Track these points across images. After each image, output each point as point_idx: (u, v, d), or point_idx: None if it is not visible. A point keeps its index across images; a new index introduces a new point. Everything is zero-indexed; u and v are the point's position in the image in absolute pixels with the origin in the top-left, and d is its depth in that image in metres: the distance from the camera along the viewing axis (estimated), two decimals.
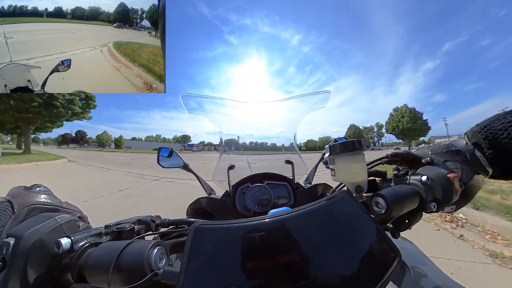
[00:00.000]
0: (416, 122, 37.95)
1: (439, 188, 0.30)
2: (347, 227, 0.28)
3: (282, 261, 0.23)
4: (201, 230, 0.25)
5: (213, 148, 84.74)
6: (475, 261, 1.71)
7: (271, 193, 0.63)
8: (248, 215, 0.61)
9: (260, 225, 0.25)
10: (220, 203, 0.64)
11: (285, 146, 0.88)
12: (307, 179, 0.79)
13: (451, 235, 2.25)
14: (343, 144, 0.33)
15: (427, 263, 0.44)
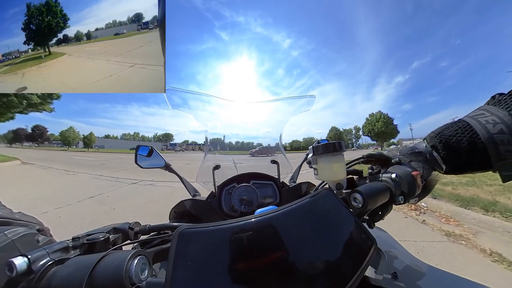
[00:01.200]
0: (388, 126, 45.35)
1: (406, 184, 0.35)
2: (330, 221, 0.30)
3: (271, 258, 0.24)
4: (186, 234, 0.24)
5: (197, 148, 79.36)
6: (434, 241, 2.05)
7: (257, 193, 0.63)
8: (234, 215, 0.60)
9: (248, 225, 0.25)
10: (206, 204, 0.62)
11: (270, 146, 0.89)
12: (292, 178, 0.80)
13: (416, 221, 2.63)
14: (325, 146, 0.36)
15: (397, 247, 0.51)
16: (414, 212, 2.84)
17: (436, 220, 2.61)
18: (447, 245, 1.97)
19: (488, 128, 0.29)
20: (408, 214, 2.81)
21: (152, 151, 0.78)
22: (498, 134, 0.28)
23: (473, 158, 0.31)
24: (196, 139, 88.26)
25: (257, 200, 0.62)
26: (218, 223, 0.25)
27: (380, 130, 44.93)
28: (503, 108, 0.29)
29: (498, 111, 0.29)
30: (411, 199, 0.36)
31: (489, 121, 0.29)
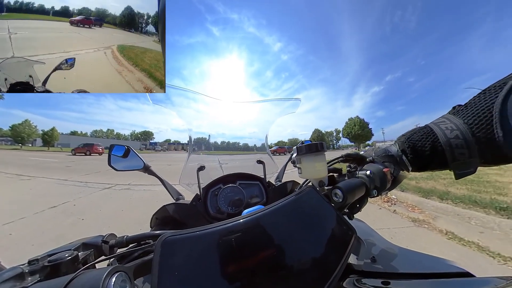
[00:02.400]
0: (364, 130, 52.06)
1: (378, 179, 0.39)
2: (314, 216, 0.31)
3: (262, 257, 0.24)
4: (170, 242, 0.23)
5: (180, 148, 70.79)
6: (404, 226, 2.40)
7: (244, 193, 0.62)
8: (222, 218, 0.59)
9: (236, 227, 0.25)
10: (190, 208, 0.59)
11: (257, 146, 0.89)
12: (277, 177, 0.81)
13: (388, 211, 3.00)
14: (308, 146, 0.38)
15: (374, 235, 0.56)
16: (386, 204, 3.23)
17: (404, 209, 3.02)
18: (414, 229, 2.33)
19: (446, 133, 0.33)
20: (381, 205, 3.17)
21: (128, 151, 0.70)
22: (454, 139, 0.32)
23: (434, 159, 0.36)
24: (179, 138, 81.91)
25: (244, 201, 0.61)
26: (205, 227, 0.25)
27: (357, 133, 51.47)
28: (460, 117, 0.34)
29: (456, 120, 0.34)
30: (383, 192, 0.41)
31: (448, 128, 0.34)
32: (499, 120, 0.28)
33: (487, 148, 0.31)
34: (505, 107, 0.28)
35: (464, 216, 2.64)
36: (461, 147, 0.32)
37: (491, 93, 0.30)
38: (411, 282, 0.32)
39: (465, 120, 0.32)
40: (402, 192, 3.64)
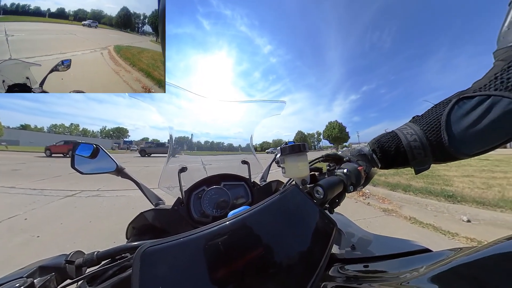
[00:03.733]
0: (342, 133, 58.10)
1: (354, 176, 0.44)
2: (298, 212, 0.33)
3: (250, 258, 0.24)
4: (151, 253, 0.21)
5: None
6: (376, 216, 2.72)
7: (229, 194, 0.60)
8: (207, 221, 0.56)
9: (222, 229, 0.24)
10: (172, 213, 0.55)
11: (241, 146, 0.86)
12: (262, 177, 0.80)
13: (363, 204, 3.32)
14: (291, 147, 0.40)
15: (352, 225, 0.60)
16: (361, 198, 3.59)
17: (376, 201, 3.42)
18: (385, 218, 2.67)
19: (407, 137, 0.40)
20: (357, 199, 3.51)
21: (97, 150, 0.59)
22: (413, 142, 0.39)
23: (398, 158, 0.42)
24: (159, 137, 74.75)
25: (229, 202, 0.59)
26: (190, 233, 0.23)
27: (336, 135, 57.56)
28: (417, 125, 0.40)
29: (415, 127, 0.40)
30: (358, 187, 0.45)
31: (408, 133, 0.40)
32: (445, 128, 0.35)
33: (438, 149, 0.37)
34: (449, 118, 0.35)
35: (422, 204, 3.14)
36: (418, 148, 0.39)
37: (440, 107, 0.38)
38: (385, 263, 0.36)
39: (421, 127, 0.39)
40: (374, 187, 4.15)
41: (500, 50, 0.34)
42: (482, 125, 0.32)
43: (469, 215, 2.60)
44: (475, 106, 0.33)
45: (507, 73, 0.31)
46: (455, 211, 2.77)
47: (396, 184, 4.18)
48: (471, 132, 0.33)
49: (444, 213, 2.81)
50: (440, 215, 2.73)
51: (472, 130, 0.33)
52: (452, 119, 0.35)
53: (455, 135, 0.35)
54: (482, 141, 0.34)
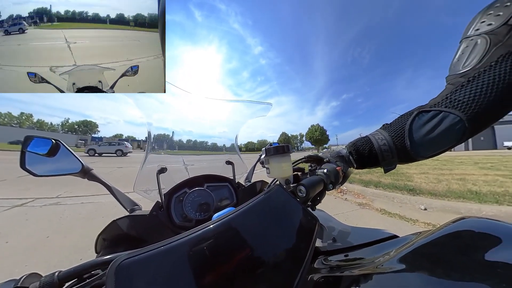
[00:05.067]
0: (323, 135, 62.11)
1: (333, 175, 0.47)
2: (283, 211, 0.33)
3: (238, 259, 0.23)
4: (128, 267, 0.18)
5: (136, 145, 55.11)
6: (353, 210, 2.98)
7: (213, 196, 0.56)
8: (190, 226, 0.52)
9: (207, 233, 0.23)
10: (150, 219, 0.49)
11: (226, 146, 0.82)
12: (247, 177, 0.77)
13: (341, 199, 3.58)
14: (275, 148, 0.40)
15: (332, 220, 0.63)
16: (339, 194, 3.87)
17: (352, 197, 3.72)
18: (360, 211, 2.94)
19: (378, 142, 0.45)
20: (336, 196, 3.76)
21: (57, 147, 0.48)
22: (383, 146, 0.45)
23: (370, 159, 0.47)
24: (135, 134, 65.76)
25: (213, 204, 0.55)
26: (171, 240, 0.21)
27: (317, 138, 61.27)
28: (386, 131, 0.46)
29: (384, 133, 0.46)
30: (337, 185, 0.49)
31: (379, 138, 0.46)
32: (408, 135, 0.42)
33: (402, 152, 0.44)
34: (411, 127, 0.42)
35: (390, 197, 3.58)
36: (387, 151, 0.45)
37: (404, 118, 0.44)
38: (362, 251, 0.39)
39: (390, 134, 0.45)
40: (350, 184, 4.54)
41: (451, 76, 0.42)
42: (435, 133, 0.39)
43: (426, 204, 3.08)
44: (430, 119, 0.40)
45: (455, 95, 0.38)
46: (415, 202, 3.25)
47: (368, 181, 4.69)
48: (427, 139, 0.40)
49: (407, 204, 3.25)
50: (404, 206, 3.15)
51: (428, 137, 0.40)
52: (413, 128, 0.41)
53: (415, 141, 0.41)
54: (435, 146, 0.41)
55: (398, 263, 0.24)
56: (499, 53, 0.36)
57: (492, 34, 0.37)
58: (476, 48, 0.38)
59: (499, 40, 0.36)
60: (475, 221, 0.27)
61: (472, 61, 0.38)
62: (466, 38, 0.40)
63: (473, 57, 0.38)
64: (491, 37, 0.37)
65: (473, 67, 0.38)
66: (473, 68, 0.38)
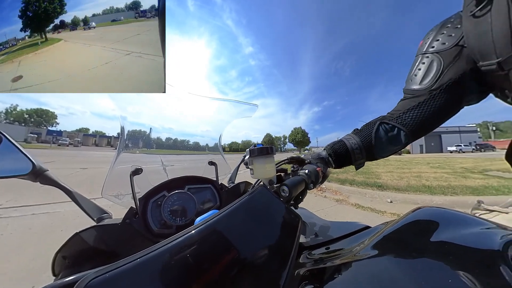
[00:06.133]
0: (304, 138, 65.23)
1: (313, 175, 0.49)
2: (267, 211, 0.33)
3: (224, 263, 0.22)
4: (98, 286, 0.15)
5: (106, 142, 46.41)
6: (332, 206, 3.24)
7: (195, 199, 0.51)
8: (170, 233, 0.47)
9: (190, 239, 0.21)
10: (123, 229, 0.43)
11: (209, 146, 0.76)
12: (230, 179, 0.73)
13: (321, 197, 3.82)
14: (260, 149, 0.40)
15: (314, 216, 0.65)
16: (319, 192, 4.11)
17: (331, 194, 4.01)
18: (338, 206, 3.21)
19: (351, 144, 0.54)
20: (317, 194, 3.98)
21: None
22: (356, 148, 0.53)
23: (346, 159, 0.55)
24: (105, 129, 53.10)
25: (195, 208, 0.51)
26: (149, 250, 0.19)
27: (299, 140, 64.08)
28: (358, 136, 0.55)
29: (356, 137, 0.55)
30: (317, 185, 0.51)
31: (352, 142, 0.54)
32: (373, 139, 0.52)
33: (369, 153, 0.54)
34: (376, 134, 0.52)
35: (363, 193, 4.00)
36: (358, 153, 0.54)
37: (370, 126, 0.54)
38: (341, 242, 0.42)
39: (360, 138, 0.55)
40: (328, 183, 4.87)
41: (408, 90, 0.50)
42: (390, 140, 0.52)
43: (391, 198, 3.58)
44: (389, 130, 0.51)
45: (405, 115, 0.49)
46: (383, 196, 3.72)
47: (344, 179, 5.17)
48: (385, 143, 0.52)
49: (376, 198, 3.68)
50: (374, 200, 3.58)
51: (386, 143, 0.52)
52: (376, 135, 0.52)
53: (378, 145, 0.53)
54: (390, 149, 0.54)
55: (371, 250, 0.26)
56: (449, 77, 0.41)
57: (445, 54, 0.41)
58: (432, 68, 0.43)
59: (450, 61, 0.41)
60: (428, 210, 0.32)
61: (427, 81, 0.44)
62: (423, 54, 0.46)
63: (429, 78, 0.43)
64: (444, 57, 0.41)
65: (427, 88, 0.44)
66: (428, 88, 0.44)
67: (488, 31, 0.34)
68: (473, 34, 0.37)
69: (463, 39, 0.39)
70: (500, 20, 0.33)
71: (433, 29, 0.46)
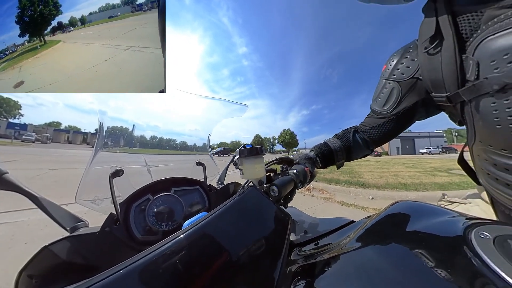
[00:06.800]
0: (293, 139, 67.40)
1: (302, 175, 0.50)
2: (257, 211, 0.32)
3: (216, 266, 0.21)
4: None
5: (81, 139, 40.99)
6: (319, 204, 3.39)
7: (182, 202, 0.48)
8: (155, 239, 0.43)
9: (178, 244, 0.20)
10: (102, 238, 0.39)
11: (197, 146, 0.71)
12: (219, 180, 0.71)
13: (309, 196, 3.94)
14: (249, 150, 0.40)
15: (302, 214, 0.66)
16: (308, 191, 4.24)
17: (318, 193, 4.17)
18: (325, 204, 3.37)
19: (335, 147, 0.63)
20: (305, 193, 4.10)
21: None
22: (339, 151, 0.62)
23: (330, 160, 0.63)
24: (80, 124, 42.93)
25: (183, 211, 0.48)
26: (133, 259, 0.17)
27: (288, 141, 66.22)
28: (339, 140, 0.65)
29: (337, 141, 0.64)
30: (305, 184, 0.52)
31: (335, 144, 0.63)
32: (352, 142, 0.63)
33: (347, 154, 0.64)
34: (353, 140, 0.63)
35: (347, 191, 4.27)
36: (340, 154, 0.63)
37: (348, 132, 0.64)
38: (329, 237, 0.43)
39: (341, 142, 0.64)
40: (316, 182, 5.12)
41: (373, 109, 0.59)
42: (361, 146, 0.64)
43: (372, 195, 3.89)
44: (360, 138, 0.63)
45: (370, 132, 0.61)
46: (365, 193, 4.03)
47: (330, 179, 5.47)
48: (358, 148, 0.64)
49: (359, 195, 3.96)
50: (357, 197, 3.85)
51: (359, 147, 0.64)
52: (354, 140, 0.63)
53: (355, 148, 0.64)
54: (361, 153, 0.66)
55: (356, 242, 0.28)
56: (404, 105, 0.49)
57: (403, 84, 0.48)
58: (392, 96, 0.51)
59: (406, 91, 0.48)
60: (404, 204, 0.34)
61: (388, 106, 0.53)
62: (387, 79, 0.52)
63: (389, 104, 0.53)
64: (402, 87, 0.48)
65: (388, 113, 0.54)
66: (388, 113, 0.54)
67: (439, 68, 0.39)
68: (427, 69, 0.42)
69: (418, 71, 0.45)
70: (448, 60, 0.37)
71: (395, 55, 0.51)
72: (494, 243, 0.19)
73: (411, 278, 0.18)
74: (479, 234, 0.21)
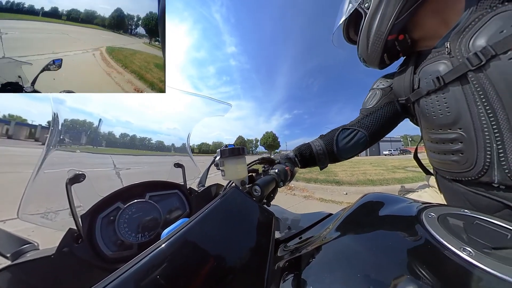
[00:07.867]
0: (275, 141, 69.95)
1: (283, 174, 0.52)
2: (241, 212, 0.32)
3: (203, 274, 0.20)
4: None
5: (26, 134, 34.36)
6: (300, 202, 3.59)
7: (159, 209, 0.43)
8: (130, 254, 0.37)
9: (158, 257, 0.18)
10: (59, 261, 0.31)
11: (175, 146, 0.65)
12: (200, 182, 0.66)
13: (291, 195, 4.12)
14: (231, 150, 0.39)
15: (285, 212, 0.67)
16: (289, 190, 4.45)
17: (299, 192, 4.39)
18: (306, 202, 3.61)
19: (316, 148, 0.64)
20: (287, 192, 4.29)
21: None
22: (320, 151, 0.64)
23: (310, 160, 0.64)
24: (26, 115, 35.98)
25: (161, 219, 0.42)
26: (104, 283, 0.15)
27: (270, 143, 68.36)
28: (322, 140, 0.65)
29: (320, 141, 0.65)
30: (286, 183, 0.54)
31: (317, 145, 0.64)
32: (335, 144, 0.64)
33: (331, 155, 0.64)
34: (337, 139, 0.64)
35: (325, 189, 4.62)
36: (322, 154, 0.64)
37: (333, 132, 0.66)
38: (311, 231, 0.45)
39: (324, 142, 0.65)
40: (296, 182, 5.41)
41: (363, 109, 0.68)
42: (351, 143, 0.63)
43: (346, 190, 4.34)
44: (349, 134, 0.64)
45: (363, 121, 0.64)
46: (340, 190, 4.47)
47: (310, 178, 5.87)
48: (347, 146, 0.63)
49: (335, 192, 4.36)
50: (334, 193, 4.25)
51: (347, 146, 0.63)
52: (338, 139, 0.64)
53: (339, 148, 0.63)
54: (351, 152, 0.65)
55: (335, 232, 0.31)
56: (384, 101, 0.65)
57: (384, 90, 0.66)
58: (376, 96, 0.67)
59: (385, 93, 0.66)
60: (372, 195, 0.39)
61: (373, 102, 0.67)
62: (373, 89, 0.69)
63: (374, 100, 0.66)
64: (383, 91, 0.66)
65: (373, 106, 0.66)
66: (373, 106, 0.66)
67: (402, 81, 0.59)
68: (397, 83, 0.62)
69: (392, 84, 0.65)
70: (407, 77, 0.57)
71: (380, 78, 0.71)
72: (438, 220, 0.25)
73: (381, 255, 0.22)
74: (428, 215, 0.26)
